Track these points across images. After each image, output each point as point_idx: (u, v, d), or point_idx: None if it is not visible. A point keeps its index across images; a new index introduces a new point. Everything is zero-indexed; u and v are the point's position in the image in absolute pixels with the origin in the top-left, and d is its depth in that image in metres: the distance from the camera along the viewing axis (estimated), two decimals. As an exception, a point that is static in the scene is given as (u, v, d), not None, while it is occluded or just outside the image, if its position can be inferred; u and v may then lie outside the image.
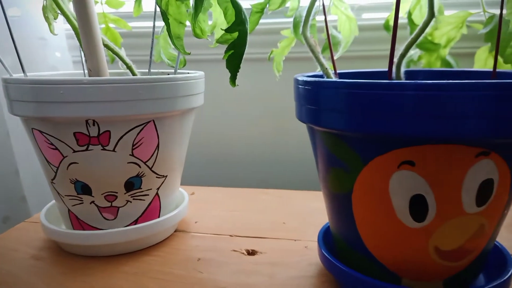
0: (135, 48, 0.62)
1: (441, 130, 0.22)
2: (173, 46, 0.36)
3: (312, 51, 0.35)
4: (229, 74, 0.29)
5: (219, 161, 0.71)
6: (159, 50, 0.42)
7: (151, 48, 0.40)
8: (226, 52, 0.27)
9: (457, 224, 0.25)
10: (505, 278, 0.28)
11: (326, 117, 0.27)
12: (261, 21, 0.36)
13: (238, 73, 0.29)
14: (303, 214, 0.48)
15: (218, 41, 0.28)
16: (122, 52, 0.43)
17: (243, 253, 0.39)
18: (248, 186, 0.67)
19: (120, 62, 0.43)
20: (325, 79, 0.27)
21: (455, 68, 0.43)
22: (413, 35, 0.34)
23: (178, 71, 0.41)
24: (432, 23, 0.35)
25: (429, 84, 0.22)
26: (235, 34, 0.27)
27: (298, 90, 0.29)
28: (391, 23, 0.50)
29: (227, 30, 0.27)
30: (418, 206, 0.25)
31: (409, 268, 0.28)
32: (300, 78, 0.29)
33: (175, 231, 0.44)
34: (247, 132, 0.68)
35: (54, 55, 0.63)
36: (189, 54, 0.32)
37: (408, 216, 0.26)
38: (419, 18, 0.44)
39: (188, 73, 0.40)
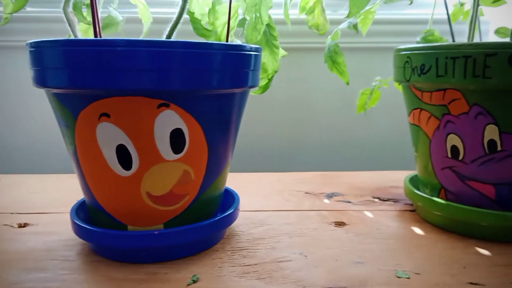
0: None
1: (122, 83, 0.26)
2: None
3: (70, 25, 0.37)
4: None
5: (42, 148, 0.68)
6: None
7: None
8: None
9: (160, 170, 0.29)
10: (229, 213, 0.33)
11: (47, 77, 0.28)
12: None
13: None
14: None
15: None
16: None
17: (13, 226, 0.39)
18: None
19: None
20: (46, 39, 0.29)
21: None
22: (174, 19, 0.38)
23: None
24: (187, 6, 0.39)
25: (110, 40, 0.25)
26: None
27: (28, 54, 0.30)
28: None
29: None
30: (123, 155, 0.28)
31: (131, 215, 0.31)
32: (28, 42, 0.30)
33: None
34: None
35: None
36: None
37: (117, 165, 0.29)
38: (199, 8, 0.49)
39: None
